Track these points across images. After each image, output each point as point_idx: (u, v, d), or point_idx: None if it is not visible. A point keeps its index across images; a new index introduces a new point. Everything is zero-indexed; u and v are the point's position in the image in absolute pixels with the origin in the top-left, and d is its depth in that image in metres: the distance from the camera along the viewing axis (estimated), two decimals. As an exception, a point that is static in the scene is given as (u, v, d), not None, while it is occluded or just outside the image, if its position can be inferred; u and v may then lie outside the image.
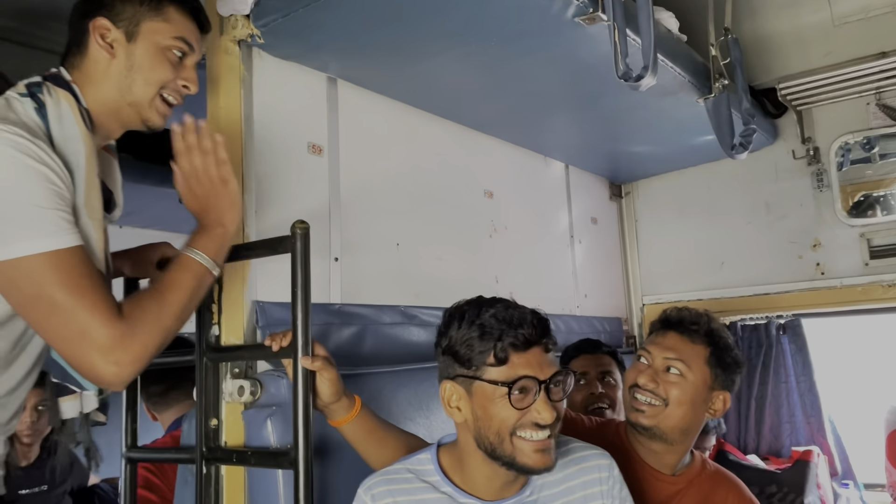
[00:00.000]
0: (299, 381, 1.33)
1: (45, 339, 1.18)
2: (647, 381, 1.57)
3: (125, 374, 1.14)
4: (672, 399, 1.56)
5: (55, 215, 1.12)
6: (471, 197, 2.32)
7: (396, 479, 1.30)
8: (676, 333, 1.62)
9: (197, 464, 1.44)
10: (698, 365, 1.58)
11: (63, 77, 1.28)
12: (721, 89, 2.10)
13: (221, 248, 1.34)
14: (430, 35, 1.64)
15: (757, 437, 2.74)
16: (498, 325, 1.23)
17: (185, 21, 1.34)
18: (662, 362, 1.59)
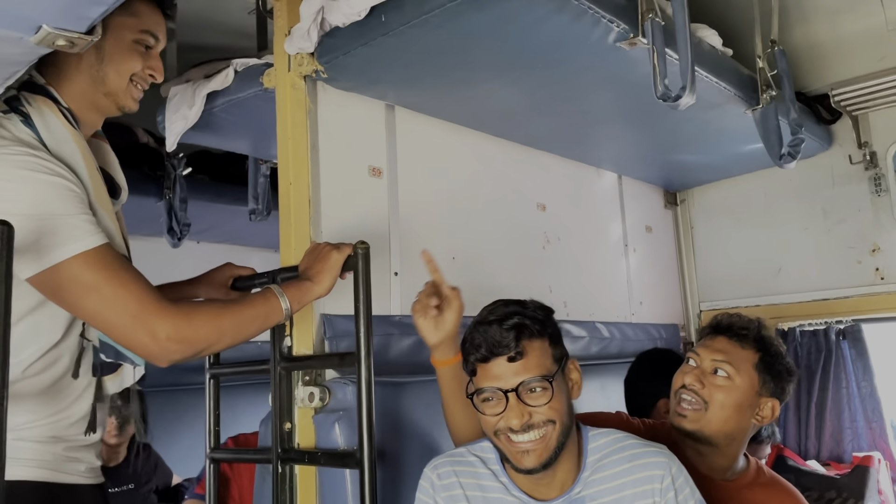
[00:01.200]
0: (363, 387, 1.45)
1: (101, 330, 1.30)
2: (693, 381, 1.59)
3: (177, 350, 1.26)
4: (715, 402, 1.56)
5: (80, 220, 1.23)
6: (523, 210, 2.41)
7: (461, 461, 1.43)
8: (726, 337, 1.63)
9: (273, 463, 1.59)
10: (746, 369, 1.59)
11: (36, 82, 1.33)
12: (768, 100, 2.13)
13: (303, 300, 1.48)
14: (478, 64, 1.74)
15: (818, 442, 2.72)
16: (471, 340, 1.35)
17: (151, 13, 1.42)
18: (710, 364, 1.60)
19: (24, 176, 1.20)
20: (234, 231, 3.25)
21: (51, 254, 1.20)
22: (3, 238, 1.02)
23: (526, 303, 1.38)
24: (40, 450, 1.29)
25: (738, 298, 2.96)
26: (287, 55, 1.74)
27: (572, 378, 1.39)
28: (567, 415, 1.34)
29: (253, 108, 1.95)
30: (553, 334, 1.36)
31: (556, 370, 1.33)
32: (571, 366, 1.39)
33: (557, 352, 1.36)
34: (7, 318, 1.00)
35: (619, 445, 1.38)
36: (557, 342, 1.37)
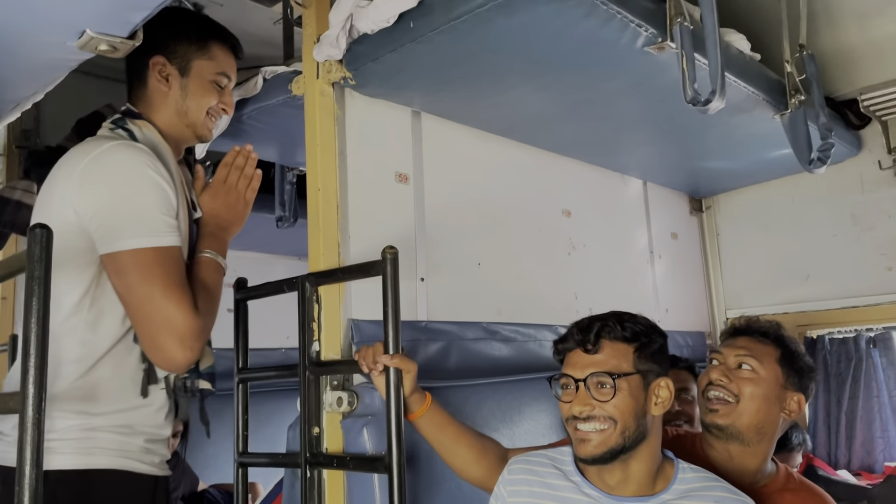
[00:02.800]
0: (391, 393, 1.46)
1: (134, 321, 1.37)
2: (719, 376, 1.60)
3: (193, 358, 1.37)
4: (745, 394, 1.58)
5: (166, 220, 1.37)
6: (549, 216, 2.41)
7: (534, 461, 1.48)
8: (746, 336, 1.66)
9: (302, 468, 1.59)
10: (769, 363, 1.61)
11: (134, 111, 1.54)
12: (797, 105, 2.11)
13: (225, 249, 1.59)
14: (506, 70, 1.75)
15: (848, 452, 2.68)
16: (568, 330, 1.46)
17: (225, 56, 1.62)
18: (734, 360, 1.62)
19: (139, 166, 1.36)
20: (259, 238, 3.27)
21: (134, 239, 1.32)
22: (42, 241, 1.03)
23: (635, 315, 1.44)
24: (119, 440, 1.37)
25: (766, 306, 2.93)
26: (315, 62, 1.76)
27: (659, 395, 1.40)
28: (634, 421, 1.36)
29: (281, 116, 1.97)
30: (643, 346, 1.40)
31: (629, 373, 1.37)
32: (664, 383, 1.41)
33: (643, 364, 1.39)
34: (46, 318, 1.01)
35: (709, 485, 1.40)
36: (647, 356, 1.40)
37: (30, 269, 1.02)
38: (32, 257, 1.02)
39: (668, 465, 1.43)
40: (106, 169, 1.35)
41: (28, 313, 1.01)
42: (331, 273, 1.68)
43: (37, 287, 1.02)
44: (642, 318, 1.45)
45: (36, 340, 1.01)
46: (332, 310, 1.69)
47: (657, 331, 1.45)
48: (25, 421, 1.00)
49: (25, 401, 0.99)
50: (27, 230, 1.02)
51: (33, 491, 1.00)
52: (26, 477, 0.99)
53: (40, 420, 1.01)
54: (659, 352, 1.43)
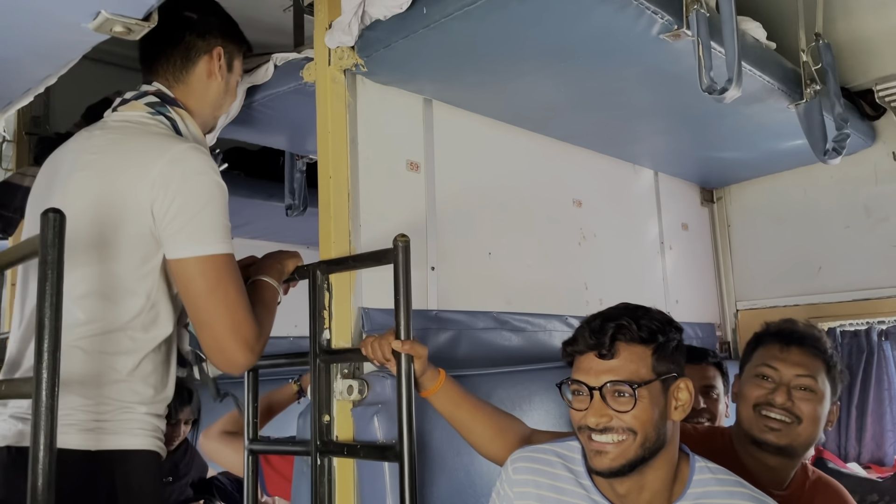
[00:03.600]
0: (403, 381, 1.45)
1: (199, 324, 1.39)
2: (784, 401, 1.56)
3: (255, 361, 1.42)
4: (806, 416, 1.55)
5: (228, 227, 1.42)
6: (560, 206, 2.40)
7: (540, 458, 1.39)
8: (800, 349, 1.60)
9: (312, 456, 1.59)
10: (822, 379, 1.58)
11: (170, 96, 1.53)
12: (813, 95, 2.09)
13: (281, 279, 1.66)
14: (519, 57, 1.73)
15: (858, 445, 2.67)
16: (576, 331, 1.34)
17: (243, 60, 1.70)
18: (794, 380, 1.58)
19: (209, 172, 1.39)
20: (268, 227, 3.27)
21: (210, 246, 1.35)
22: (55, 226, 1.03)
23: (648, 310, 1.33)
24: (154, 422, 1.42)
25: (777, 297, 2.92)
26: (327, 49, 1.74)
27: (678, 398, 1.30)
28: (655, 431, 1.26)
29: (291, 103, 1.96)
30: (661, 346, 1.29)
31: (650, 380, 1.26)
32: (682, 385, 1.30)
33: (662, 366, 1.28)
34: (59, 303, 1.01)
35: (727, 490, 1.29)
36: (665, 356, 1.29)
37: (42, 254, 1.02)
38: (45, 242, 1.02)
39: (683, 465, 1.33)
40: (185, 175, 1.35)
41: (41, 298, 1.00)
42: (342, 261, 1.68)
43: (50, 272, 1.02)
44: (657, 313, 1.33)
45: (49, 325, 1.00)
46: (342, 298, 1.68)
47: (673, 325, 1.33)
48: (39, 405, 1.00)
49: (39, 385, 0.99)
50: (41, 215, 1.02)
51: (46, 474, 1.00)
52: (40, 461, 0.99)
53: (53, 405, 1.01)
54: (676, 350, 1.32)
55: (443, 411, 1.55)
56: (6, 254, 1.19)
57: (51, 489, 0.99)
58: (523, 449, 1.43)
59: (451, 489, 1.50)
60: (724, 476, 1.31)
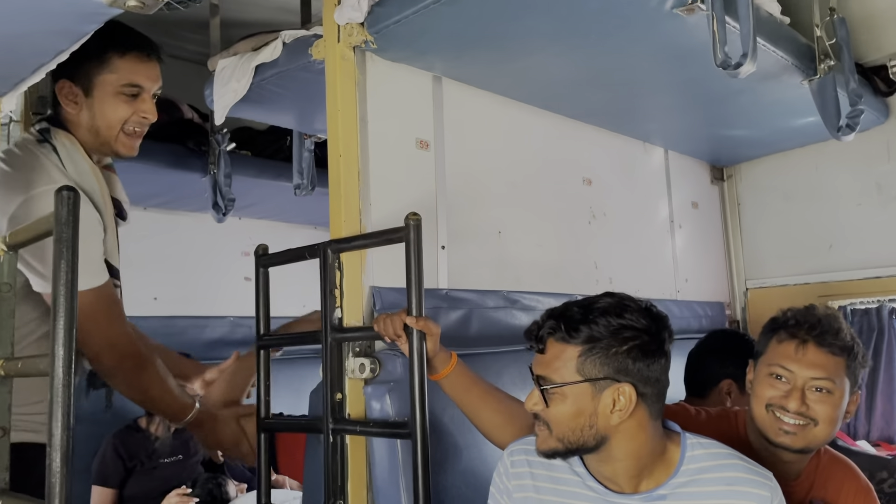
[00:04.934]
0: (415, 358, 1.46)
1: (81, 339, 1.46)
2: (797, 406, 1.48)
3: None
4: (823, 418, 1.48)
5: (98, 256, 1.49)
6: (570, 185, 2.38)
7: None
8: (817, 347, 1.51)
9: (325, 433, 1.60)
10: (840, 378, 1.50)
11: (58, 119, 1.56)
12: (826, 70, 2.06)
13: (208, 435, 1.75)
14: (531, 32, 1.71)
15: (868, 423, 2.67)
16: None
17: (129, 65, 1.56)
18: (809, 382, 1.49)
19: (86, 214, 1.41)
20: (276, 207, 3.28)
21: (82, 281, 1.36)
22: (69, 203, 1.03)
23: (608, 309, 1.25)
24: None
25: (787, 276, 2.90)
26: (336, 25, 1.73)
27: (617, 402, 1.23)
28: (573, 431, 1.25)
29: (300, 81, 1.95)
30: (593, 350, 1.23)
31: (568, 383, 1.24)
32: (623, 389, 1.23)
33: (593, 369, 1.23)
34: (74, 280, 1.01)
35: (721, 463, 1.28)
36: (600, 360, 1.22)
37: (57, 232, 1.01)
38: (60, 220, 1.01)
39: (672, 447, 1.30)
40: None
41: (57, 276, 1.00)
42: (353, 239, 1.68)
43: (65, 249, 1.01)
44: (615, 312, 1.24)
45: (65, 303, 1.00)
46: (353, 277, 1.68)
47: (631, 328, 1.23)
48: (56, 383, 1.00)
49: (55, 362, 0.99)
50: (55, 193, 1.01)
51: (65, 453, 1.00)
52: (58, 439, 0.99)
53: (70, 382, 1.01)
54: (626, 354, 1.22)
55: (452, 395, 1.56)
56: (20, 232, 1.19)
57: (68, 468, 1.00)
58: (520, 441, 1.41)
59: (465, 466, 1.50)
60: (717, 450, 1.30)
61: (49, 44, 1.02)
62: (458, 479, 1.59)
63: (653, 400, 1.26)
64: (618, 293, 1.30)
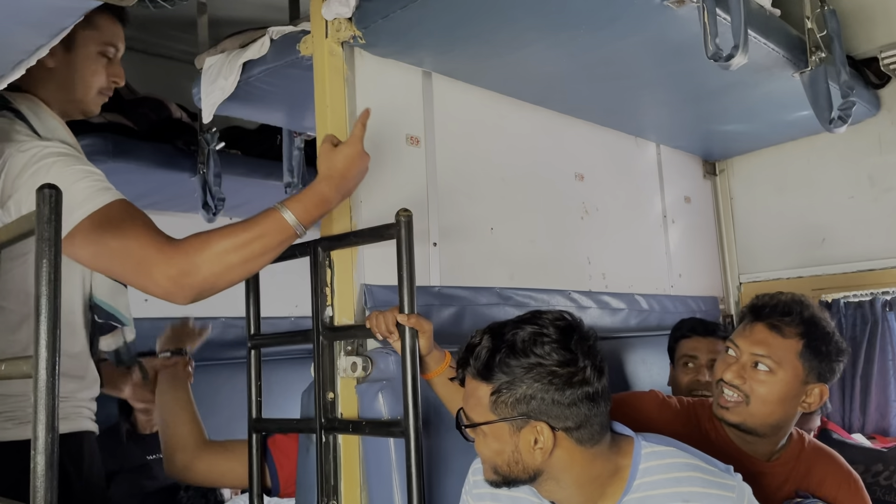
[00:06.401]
0: (408, 357, 1.44)
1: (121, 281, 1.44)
2: (733, 377, 1.51)
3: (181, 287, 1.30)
4: (756, 396, 1.49)
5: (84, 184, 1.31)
6: (562, 180, 2.37)
7: None
8: (765, 326, 1.53)
9: (317, 433, 1.58)
10: (789, 360, 1.50)
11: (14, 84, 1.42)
12: (818, 62, 2.05)
13: (316, 210, 1.44)
14: (520, 27, 1.70)
15: (862, 416, 2.67)
16: None
17: (111, 25, 1.53)
18: (750, 357, 1.52)
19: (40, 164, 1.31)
20: (267, 206, 3.24)
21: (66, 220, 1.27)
22: (51, 201, 1.00)
23: (504, 342, 1.21)
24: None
25: (780, 270, 2.90)
26: (324, 21, 1.71)
27: (539, 439, 1.19)
28: (506, 463, 1.21)
29: (289, 78, 1.93)
30: (503, 388, 1.18)
31: (482, 423, 1.21)
32: (535, 431, 1.19)
33: (504, 409, 1.19)
34: (57, 280, 0.99)
35: (675, 476, 1.21)
36: (509, 398, 1.18)
37: (39, 231, 0.99)
38: (42, 218, 0.99)
39: (624, 462, 1.24)
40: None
41: (39, 275, 0.98)
42: (344, 237, 1.66)
43: (46, 249, 0.99)
44: (523, 351, 1.18)
45: (47, 303, 0.98)
46: (344, 275, 1.67)
47: (540, 366, 1.17)
48: (39, 385, 0.98)
49: (38, 364, 0.97)
50: (36, 191, 0.99)
51: (49, 456, 0.98)
52: (41, 441, 0.97)
53: (54, 384, 0.99)
54: (538, 392, 1.17)
55: (444, 396, 1.54)
56: (1, 232, 1.16)
57: (53, 471, 0.98)
58: None
59: (459, 465, 1.48)
60: (673, 459, 1.24)
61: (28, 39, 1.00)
62: (452, 478, 1.57)
63: (582, 429, 1.21)
64: (539, 317, 1.24)
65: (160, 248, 1.29)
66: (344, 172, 1.46)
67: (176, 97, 2.82)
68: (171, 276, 1.28)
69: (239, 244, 1.34)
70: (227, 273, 1.34)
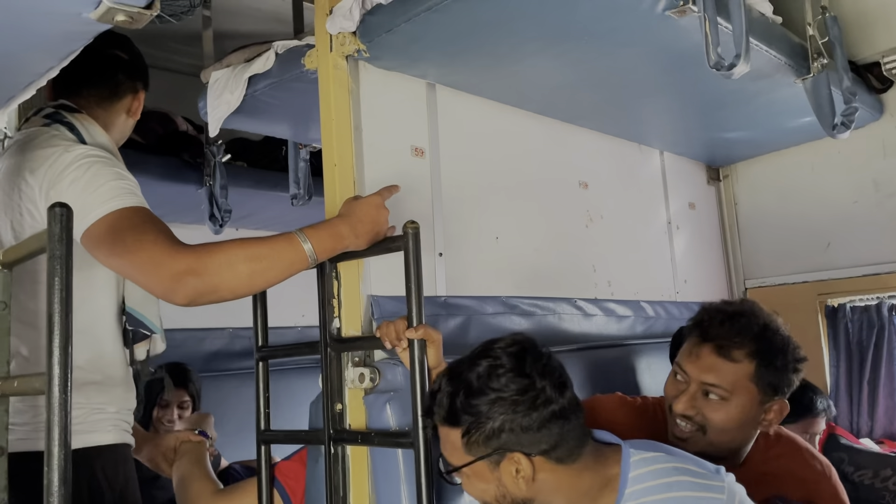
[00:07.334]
0: (416, 366, 1.45)
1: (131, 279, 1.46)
2: (685, 409, 1.43)
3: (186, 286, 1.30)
4: (712, 426, 1.43)
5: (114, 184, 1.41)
6: (566, 189, 2.38)
7: None
8: (713, 350, 1.44)
9: (325, 444, 1.59)
10: (742, 385, 1.42)
11: (72, 106, 1.59)
12: (820, 69, 2.06)
13: (333, 247, 1.48)
14: (523, 38, 1.71)
15: (870, 420, 2.66)
16: None
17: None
18: (699, 386, 1.44)
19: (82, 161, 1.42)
20: (273, 217, 3.27)
21: (92, 212, 1.36)
22: (62, 220, 1.02)
23: (462, 383, 1.21)
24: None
25: (785, 275, 2.90)
26: (329, 35, 1.72)
27: (519, 470, 1.19)
28: (496, 499, 1.23)
29: (294, 91, 1.94)
30: (473, 428, 1.18)
31: (461, 466, 1.22)
32: (513, 462, 1.19)
33: (478, 447, 1.19)
34: (69, 298, 1.00)
35: (666, 482, 1.20)
36: (478, 437, 1.18)
37: (51, 249, 1.01)
38: (53, 237, 1.01)
39: (613, 472, 1.23)
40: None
41: (51, 293, 0.99)
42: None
43: (58, 266, 1.01)
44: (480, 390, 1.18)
45: (60, 321, 0.99)
46: (351, 286, 1.68)
47: (500, 400, 1.17)
48: (52, 402, 0.99)
49: (52, 381, 0.98)
50: (47, 210, 1.01)
51: (62, 472, 0.99)
52: (55, 457, 0.99)
53: (66, 401, 1.00)
54: (504, 425, 1.17)
55: None
56: (14, 250, 1.18)
57: (66, 486, 0.99)
58: None
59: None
60: (662, 465, 1.23)
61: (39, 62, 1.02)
62: (460, 489, 1.57)
63: (558, 448, 1.20)
64: (491, 349, 1.24)
65: (174, 247, 1.33)
66: (361, 216, 1.52)
67: (182, 110, 2.84)
68: (177, 271, 1.29)
69: (251, 256, 1.36)
70: (233, 280, 1.34)
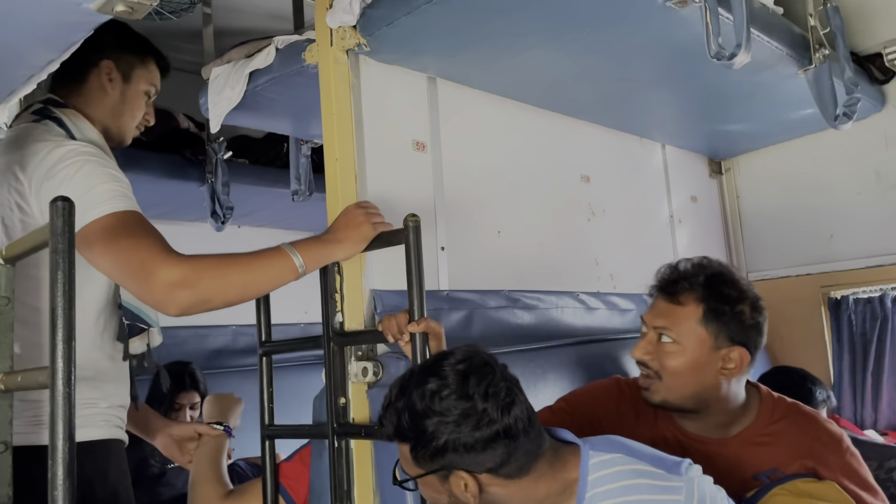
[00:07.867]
0: (418, 360, 1.45)
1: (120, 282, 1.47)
2: (642, 354, 1.52)
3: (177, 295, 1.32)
4: (666, 370, 1.49)
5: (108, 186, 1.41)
6: (568, 182, 2.38)
7: None
8: (663, 298, 1.54)
9: (329, 438, 1.59)
10: (690, 328, 1.48)
11: (59, 101, 1.57)
12: (822, 59, 2.05)
13: (320, 259, 1.54)
14: (523, 30, 1.71)
15: (874, 412, 2.66)
16: None
17: (156, 70, 1.73)
18: (654, 332, 1.52)
19: (76, 158, 1.40)
20: (275, 214, 3.27)
21: (86, 213, 1.35)
22: (64, 214, 1.02)
23: (409, 390, 1.18)
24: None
25: (788, 267, 2.89)
26: (329, 30, 1.72)
27: (466, 486, 1.17)
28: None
29: (295, 86, 1.94)
30: (419, 444, 1.16)
31: (414, 477, 1.21)
32: (459, 478, 1.16)
33: (425, 463, 1.17)
34: (72, 292, 1.00)
35: (624, 484, 1.17)
36: (424, 454, 1.16)
37: (53, 243, 1.01)
38: (55, 231, 1.01)
39: (571, 477, 1.20)
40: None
41: (54, 287, 1.00)
42: (352, 243, 1.66)
43: (61, 261, 1.01)
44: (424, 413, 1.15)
45: (63, 315, 0.99)
46: (353, 280, 1.67)
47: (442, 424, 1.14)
48: (56, 396, 0.99)
49: (55, 375, 0.98)
50: (49, 204, 1.01)
51: (66, 465, 0.99)
52: (60, 451, 0.99)
53: (70, 394, 1.00)
54: (447, 445, 1.14)
55: None
56: (17, 245, 1.18)
57: (71, 479, 0.99)
58: None
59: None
60: (621, 467, 1.20)
61: (39, 54, 1.02)
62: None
63: (506, 465, 1.17)
64: (442, 365, 1.19)
65: (168, 255, 1.35)
66: (336, 224, 1.59)
67: (183, 108, 2.84)
68: (171, 280, 1.31)
69: (243, 267, 1.42)
70: (225, 290, 1.39)
